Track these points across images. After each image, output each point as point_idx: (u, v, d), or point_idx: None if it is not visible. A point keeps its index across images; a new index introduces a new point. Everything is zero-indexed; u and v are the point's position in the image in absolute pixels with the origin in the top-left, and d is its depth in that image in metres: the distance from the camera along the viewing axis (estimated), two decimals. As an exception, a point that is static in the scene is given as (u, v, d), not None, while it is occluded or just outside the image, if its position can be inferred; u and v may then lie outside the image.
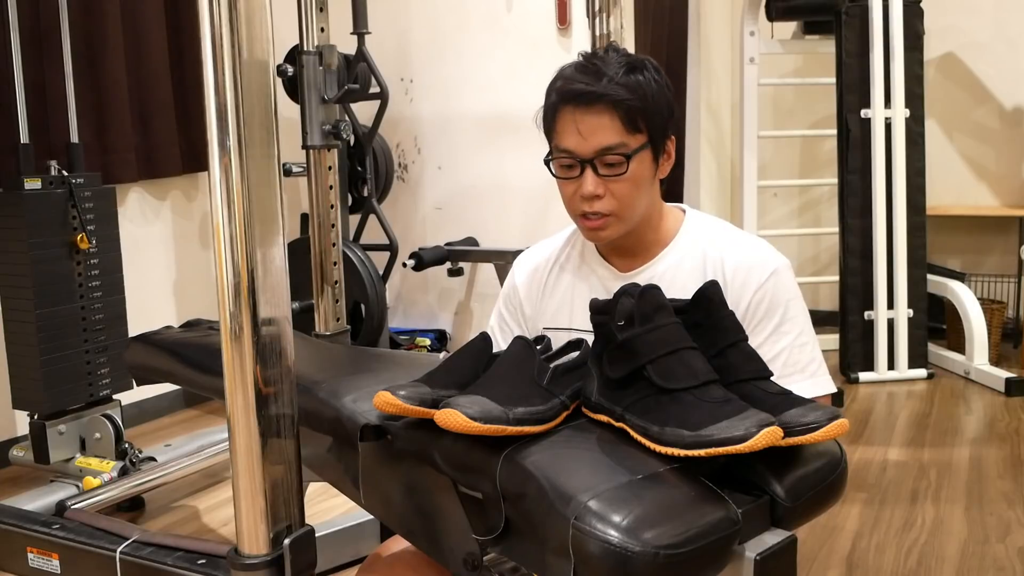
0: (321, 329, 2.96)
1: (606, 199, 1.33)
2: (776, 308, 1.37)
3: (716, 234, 1.43)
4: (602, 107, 1.30)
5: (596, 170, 1.32)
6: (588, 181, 1.32)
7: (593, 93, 1.30)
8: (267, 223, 1.12)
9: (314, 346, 1.74)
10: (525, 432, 1.05)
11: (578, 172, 1.34)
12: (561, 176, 1.36)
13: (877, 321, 4.01)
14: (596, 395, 1.13)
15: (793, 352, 1.36)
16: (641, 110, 1.31)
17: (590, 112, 1.31)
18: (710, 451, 0.97)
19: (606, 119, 1.30)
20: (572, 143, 1.32)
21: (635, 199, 1.35)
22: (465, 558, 1.14)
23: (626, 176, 1.32)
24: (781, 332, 1.37)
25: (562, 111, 1.33)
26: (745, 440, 0.96)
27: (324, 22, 2.88)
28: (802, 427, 1.03)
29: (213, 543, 1.88)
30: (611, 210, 1.34)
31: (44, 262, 2.65)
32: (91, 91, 3.29)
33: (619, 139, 1.31)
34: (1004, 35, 4.56)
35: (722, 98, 5.10)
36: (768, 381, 1.13)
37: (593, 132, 1.31)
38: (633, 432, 1.06)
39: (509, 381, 1.11)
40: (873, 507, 2.68)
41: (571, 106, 1.32)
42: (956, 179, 4.72)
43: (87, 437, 2.79)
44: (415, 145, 4.31)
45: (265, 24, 1.10)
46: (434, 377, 1.17)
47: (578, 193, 1.34)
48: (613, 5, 2.69)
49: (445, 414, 1.03)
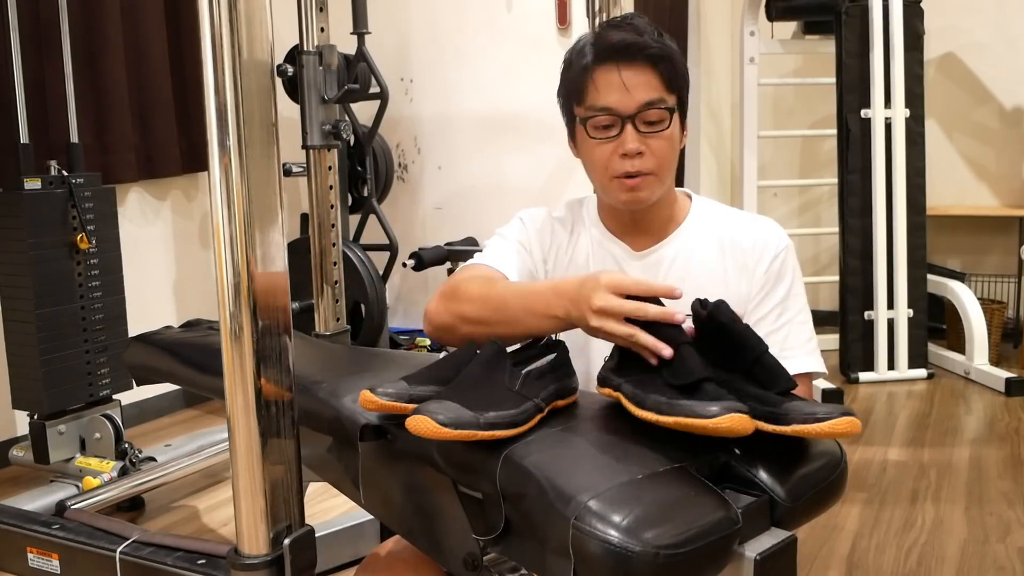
0: (321, 329, 2.96)
1: (647, 156, 1.32)
2: (784, 278, 1.39)
3: (726, 215, 1.45)
4: (645, 61, 1.30)
5: (636, 127, 1.31)
6: (630, 137, 1.30)
7: (637, 44, 1.29)
8: (267, 223, 1.12)
9: (314, 346, 1.74)
10: (497, 436, 1.05)
11: (617, 131, 1.31)
12: (598, 137, 1.33)
13: (877, 321, 4.01)
14: (606, 371, 1.16)
15: (794, 327, 1.38)
16: (676, 71, 1.33)
17: (632, 66, 1.30)
18: (678, 420, 1.01)
19: (648, 74, 1.30)
20: (614, 99, 1.30)
21: (671, 159, 1.35)
22: (465, 558, 1.14)
23: (666, 133, 1.32)
24: (786, 305, 1.39)
25: (601, 68, 1.31)
26: (711, 417, 0.99)
27: (324, 22, 2.88)
28: (808, 416, 1.03)
29: (213, 543, 1.88)
30: (651, 168, 1.32)
31: (44, 262, 2.65)
32: (91, 91, 3.29)
33: (660, 94, 1.31)
34: (1004, 35, 4.56)
35: (722, 98, 5.10)
36: (791, 394, 1.12)
37: (637, 86, 1.30)
38: (623, 398, 1.10)
39: (481, 386, 1.11)
40: (873, 507, 2.68)
41: (612, 62, 1.30)
42: (956, 179, 4.72)
43: (87, 437, 2.78)
44: (415, 145, 4.31)
45: (265, 24, 1.10)
46: (416, 376, 1.17)
47: (617, 152, 1.32)
48: (613, 5, 2.69)
49: (416, 420, 1.03)
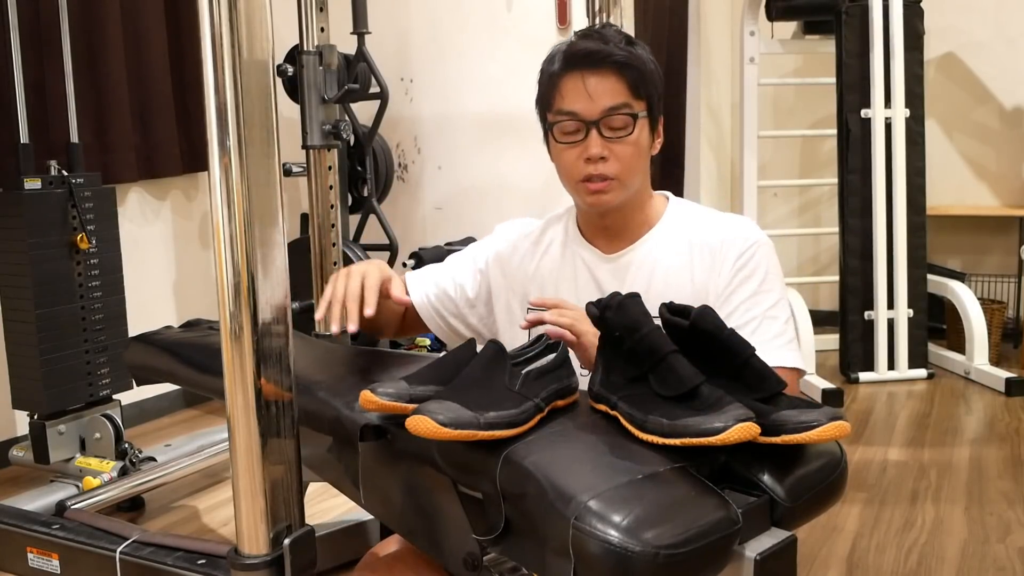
0: (321, 329, 2.96)
1: (611, 161, 1.35)
2: (755, 274, 1.39)
3: (699, 217, 1.46)
4: (609, 68, 1.34)
5: (600, 132, 1.34)
6: (593, 142, 1.35)
7: (601, 52, 1.34)
8: (267, 223, 1.12)
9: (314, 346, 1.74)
10: (497, 436, 1.05)
11: (582, 136, 1.36)
12: (564, 142, 1.38)
13: (877, 321, 4.01)
14: (598, 386, 1.15)
15: (765, 322, 1.37)
16: (643, 78, 1.36)
17: (597, 73, 1.34)
18: (685, 441, 1.00)
19: (612, 80, 1.34)
20: (579, 105, 1.35)
21: (636, 164, 1.38)
22: (465, 558, 1.14)
23: (631, 138, 1.35)
24: (756, 301, 1.38)
25: (567, 75, 1.36)
26: (719, 433, 0.98)
27: (324, 22, 2.88)
28: (799, 425, 1.03)
29: (213, 543, 1.87)
30: (615, 173, 1.36)
31: (44, 262, 2.65)
32: (91, 91, 3.29)
33: (625, 99, 1.34)
34: (1004, 35, 4.56)
35: (722, 98, 5.10)
36: (781, 395, 1.12)
37: (600, 93, 1.34)
38: (622, 419, 1.09)
39: (481, 385, 1.11)
40: (873, 507, 2.68)
41: (578, 69, 1.35)
42: (956, 179, 4.72)
43: (87, 437, 2.78)
44: (415, 145, 4.31)
45: (265, 24, 1.10)
46: (416, 376, 1.17)
47: (582, 157, 1.36)
48: (613, 5, 2.70)
49: (416, 420, 1.03)
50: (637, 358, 1.10)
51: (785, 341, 1.38)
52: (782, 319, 1.40)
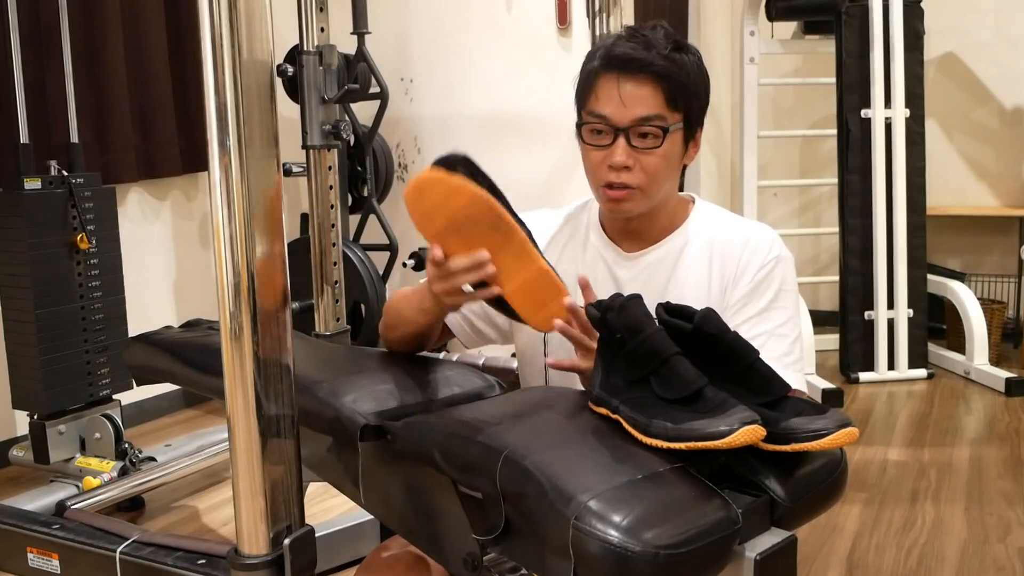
0: (321, 329, 2.96)
1: (635, 172, 1.32)
2: (769, 289, 1.38)
3: (726, 220, 1.45)
4: (647, 77, 1.29)
5: (628, 140, 1.31)
6: (619, 150, 1.31)
7: (641, 60, 1.29)
8: (267, 223, 1.11)
9: (314, 346, 1.74)
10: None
11: (609, 140, 1.32)
12: (591, 143, 1.34)
13: (877, 321, 4.01)
14: (598, 389, 1.15)
15: (771, 339, 1.36)
16: (683, 89, 1.32)
17: (634, 80, 1.30)
18: (691, 445, 0.99)
19: (648, 89, 1.30)
20: (610, 109, 1.31)
21: (663, 177, 1.34)
22: (465, 558, 1.14)
23: (660, 151, 1.31)
24: (766, 316, 1.37)
25: (604, 76, 1.32)
26: (724, 436, 0.97)
27: (324, 22, 2.88)
28: (809, 433, 1.02)
29: (213, 543, 1.88)
30: (638, 183, 1.32)
31: (44, 262, 2.65)
32: (91, 91, 3.28)
33: (658, 111, 1.30)
34: (1004, 35, 4.56)
35: (722, 98, 5.09)
36: (786, 398, 1.12)
37: (634, 101, 1.30)
38: (625, 423, 1.08)
39: None
40: (873, 507, 2.68)
41: (615, 72, 1.30)
42: (956, 179, 4.72)
43: (87, 437, 2.78)
44: (415, 145, 4.31)
45: (265, 24, 1.10)
46: None
47: (606, 162, 1.32)
48: (613, 5, 2.70)
49: None
50: (639, 360, 1.10)
51: (790, 361, 1.36)
52: (790, 338, 1.38)
